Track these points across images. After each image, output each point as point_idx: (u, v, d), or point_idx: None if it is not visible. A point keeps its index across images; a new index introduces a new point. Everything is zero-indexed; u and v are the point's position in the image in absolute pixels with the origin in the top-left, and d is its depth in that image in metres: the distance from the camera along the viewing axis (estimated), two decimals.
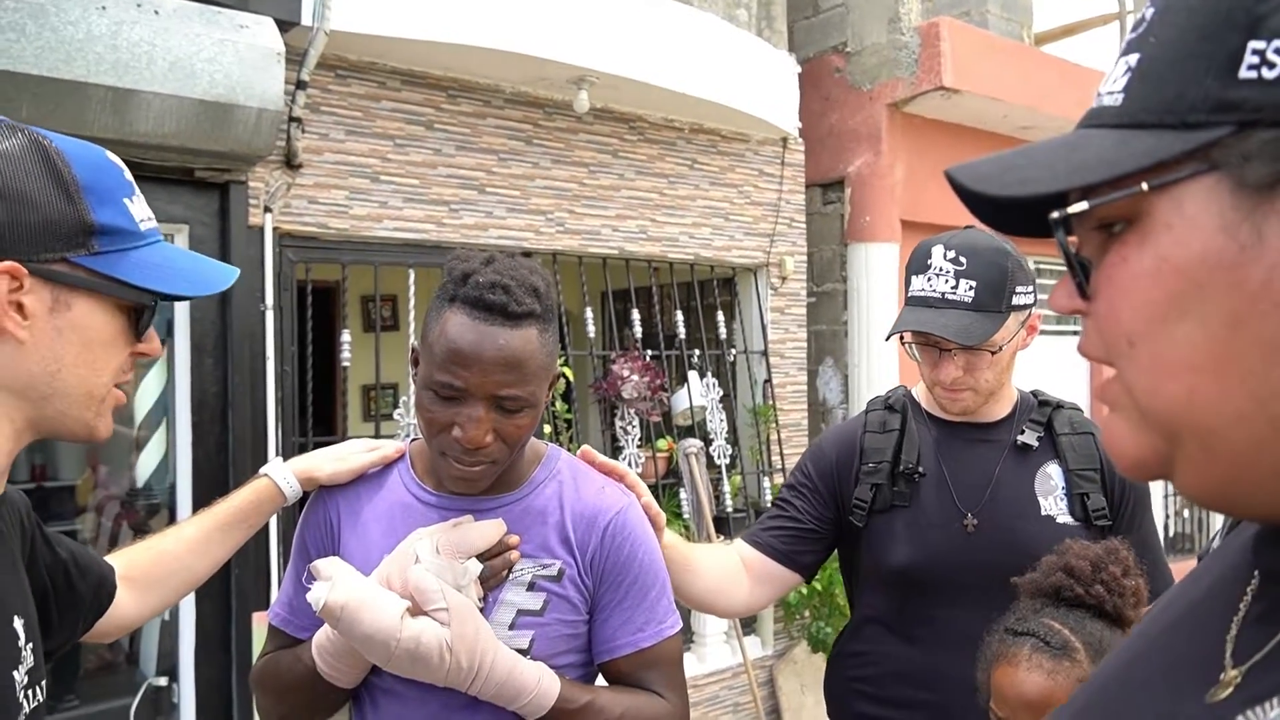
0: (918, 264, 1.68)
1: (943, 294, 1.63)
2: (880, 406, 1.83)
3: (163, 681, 3.35)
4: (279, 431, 3.35)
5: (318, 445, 3.32)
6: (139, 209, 0.96)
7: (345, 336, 3.60)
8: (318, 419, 3.57)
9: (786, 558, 1.76)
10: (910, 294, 1.69)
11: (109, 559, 1.25)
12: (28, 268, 0.86)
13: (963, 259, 1.63)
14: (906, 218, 4.96)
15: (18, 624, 0.92)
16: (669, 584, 1.34)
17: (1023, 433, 1.74)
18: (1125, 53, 0.54)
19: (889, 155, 4.92)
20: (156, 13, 2.75)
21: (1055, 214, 0.54)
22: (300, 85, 3.26)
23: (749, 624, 4.70)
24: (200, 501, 3.21)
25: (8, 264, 0.85)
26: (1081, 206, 0.53)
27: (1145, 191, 0.51)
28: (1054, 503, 1.70)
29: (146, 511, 3.44)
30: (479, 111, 3.81)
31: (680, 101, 4.18)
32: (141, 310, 0.96)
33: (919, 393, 1.85)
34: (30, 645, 0.94)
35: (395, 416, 3.68)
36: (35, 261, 0.87)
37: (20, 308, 0.86)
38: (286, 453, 3.37)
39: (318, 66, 3.29)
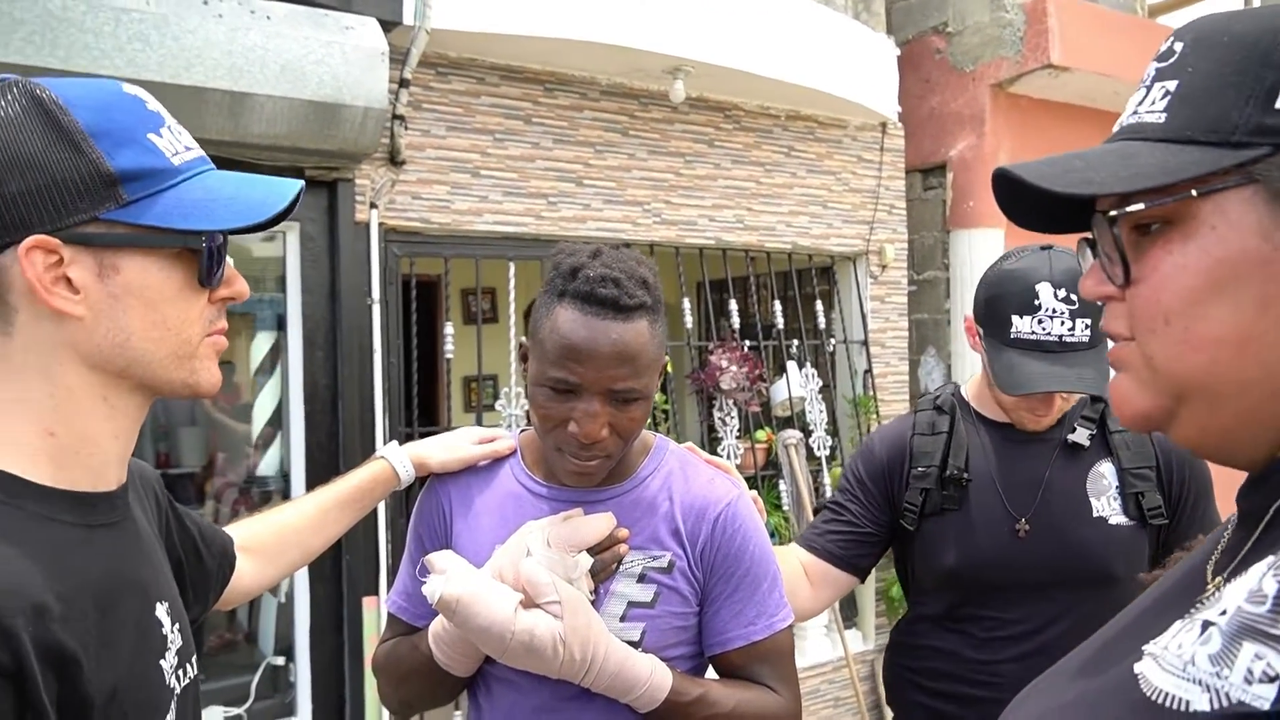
0: (1021, 304, 1.58)
1: (1060, 337, 1.56)
2: (929, 406, 1.80)
3: (280, 661, 3.49)
4: (386, 421, 3.44)
5: (423, 435, 3.40)
6: (170, 140, 0.85)
7: (448, 329, 3.67)
8: (421, 409, 3.66)
9: (845, 563, 1.76)
10: (1016, 335, 1.58)
11: (228, 529, 1.27)
12: (59, 237, 0.78)
13: (1073, 296, 1.56)
14: None
15: (161, 610, 0.90)
16: (780, 576, 1.33)
17: (1074, 431, 1.69)
18: (1159, 79, 0.64)
19: (993, 138, 4.77)
20: (269, 18, 2.84)
21: (1113, 212, 0.63)
22: (403, 83, 3.34)
23: (850, 617, 4.64)
24: (313, 487, 3.32)
25: (35, 238, 0.77)
26: (1138, 207, 0.62)
27: (1194, 197, 0.60)
28: (1106, 503, 1.65)
29: (262, 498, 3.58)
30: (576, 104, 3.84)
31: (776, 88, 4.13)
32: (199, 252, 0.85)
33: (969, 391, 1.81)
34: (177, 626, 0.94)
35: (497, 408, 3.73)
36: (65, 228, 0.78)
37: (68, 282, 0.79)
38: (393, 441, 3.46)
39: (419, 64, 3.36)
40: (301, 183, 0.91)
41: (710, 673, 1.33)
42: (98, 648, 0.78)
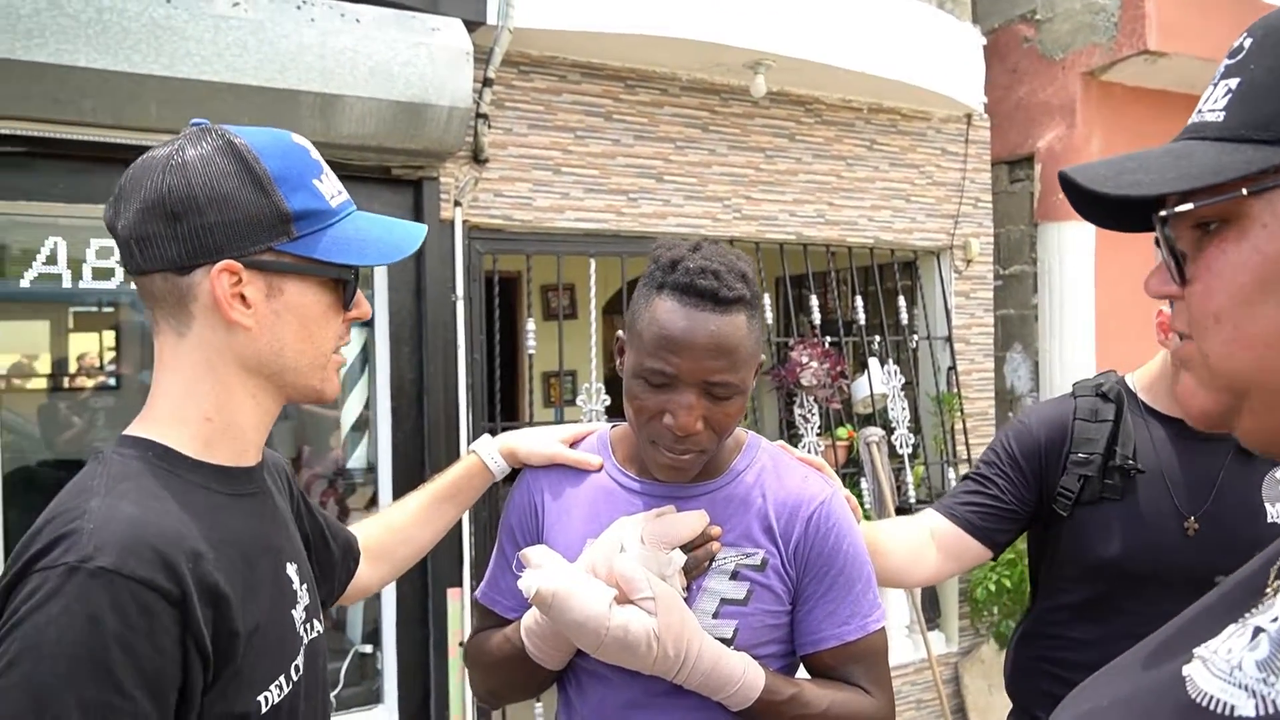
0: None
1: None
2: (1090, 393, 1.74)
3: (368, 649, 3.58)
4: (470, 417, 3.49)
5: (505, 430, 3.44)
6: (328, 185, 1.01)
7: (530, 325, 3.71)
8: (502, 405, 3.70)
9: (984, 534, 1.72)
10: None
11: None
12: (242, 262, 0.94)
13: None
14: None
15: (290, 569, 1.03)
16: (874, 576, 1.31)
17: None
18: (1225, 77, 0.63)
19: (1084, 127, 4.62)
20: (358, 20, 2.91)
21: (1163, 212, 0.63)
22: (486, 83, 3.38)
23: (932, 618, 4.56)
24: (399, 481, 3.41)
25: (226, 262, 0.93)
26: (1187, 207, 0.61)
27: (1245, 196, 0.59)
28: None
29: (349, 490, 3.67)
30: (656, 100, 3.84)
31: (859, 81, 4.07)
32: (346, 282, 1.02)
33: (1136, 382, 1.75)
34: (305, 586, 1.06)
35: (578, 403, 3.76)
36: (247, 255, 0.94)
37: (243, 299, 0.95)
38: (476, 436, 3.50)
39: (502, 63, 3.40)
40: (425, 226, 1.11)
41: (801, 672, 1.32)
42: (243, 591, 0.92)
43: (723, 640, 1.21)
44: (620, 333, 1.30)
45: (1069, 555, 1.70)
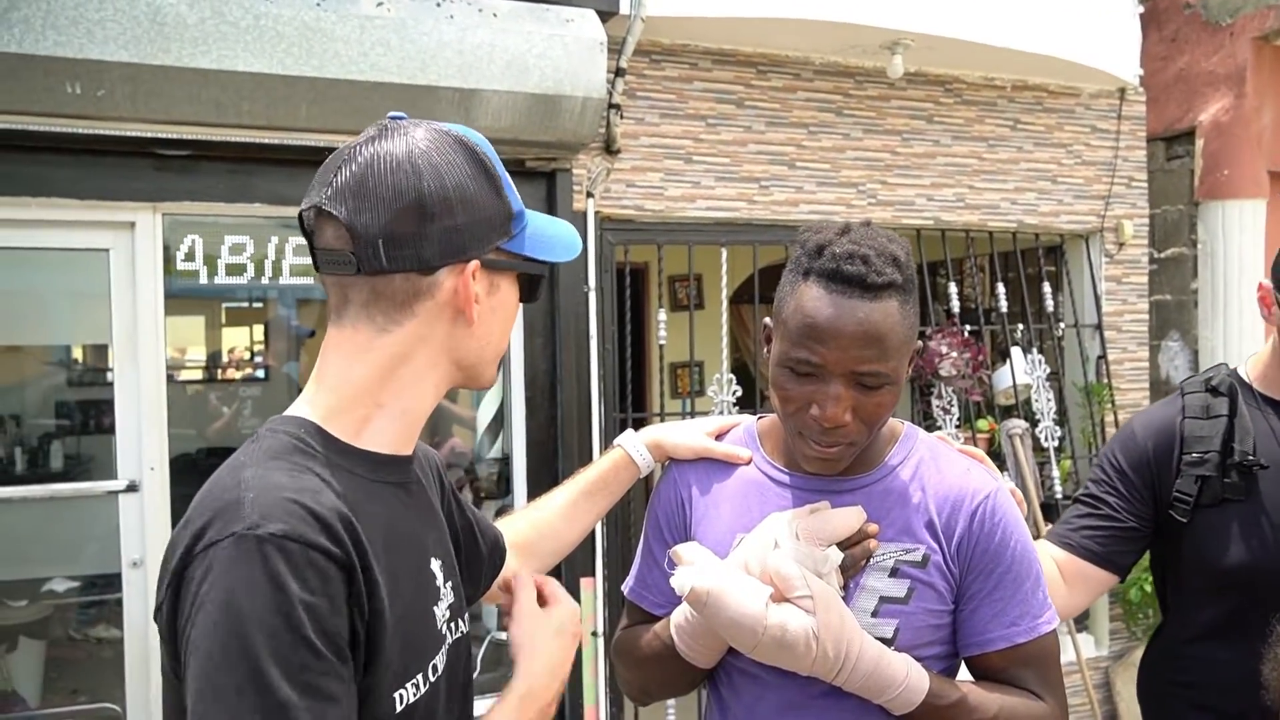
0: None
1: None
2: (1200, 389, 1.63)
3: (503, 636, 3.64)
4: (601, 408, 3.51)
5: (635, 421, 3.44)
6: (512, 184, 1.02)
7: (661, 316, 3.70)
8: (632, 396, 3.71)
9: (1105, 560, 1.62)
10: None
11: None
12: (481, 262, 0.96)
13: None
14: (1277, 169, 4.31)
15: (435, 565, 1.01)
16: (1043, 575, 1.24)
17: None
18: None
19: (1255, 98, 4.29)
20: (495, 15, 2.95)
21: None
22: (619, 73, 3.38)
23: (1081, 621, 4.34)
24: (533, 471, 3.45)
25: (476, 263, 0.95)
26: None
27: None
28: None
29: (485, 480, 3.75)
30: (789, 85, 3.76)
31: (1002, 57, 3.88)
32: (540, 278, 1.05)
33: (1249, 372, 1.62)
34: (450, 583, 1.04)
35: (709, 393, 3.73)
36: (484, 255, 0.96)
37: (475, 297, 0.96)
38: (608, 427, 3.53)
39: (634, 53, 3.39)
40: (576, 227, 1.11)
41: (963, 674, 1.25)
42: (389, 577, 0.89)
43: (883, 640, 1.16)
44: (766, 320, 1.26)
45: (1194, 566, 1.59)
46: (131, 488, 3.01)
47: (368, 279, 0.93)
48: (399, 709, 0.89)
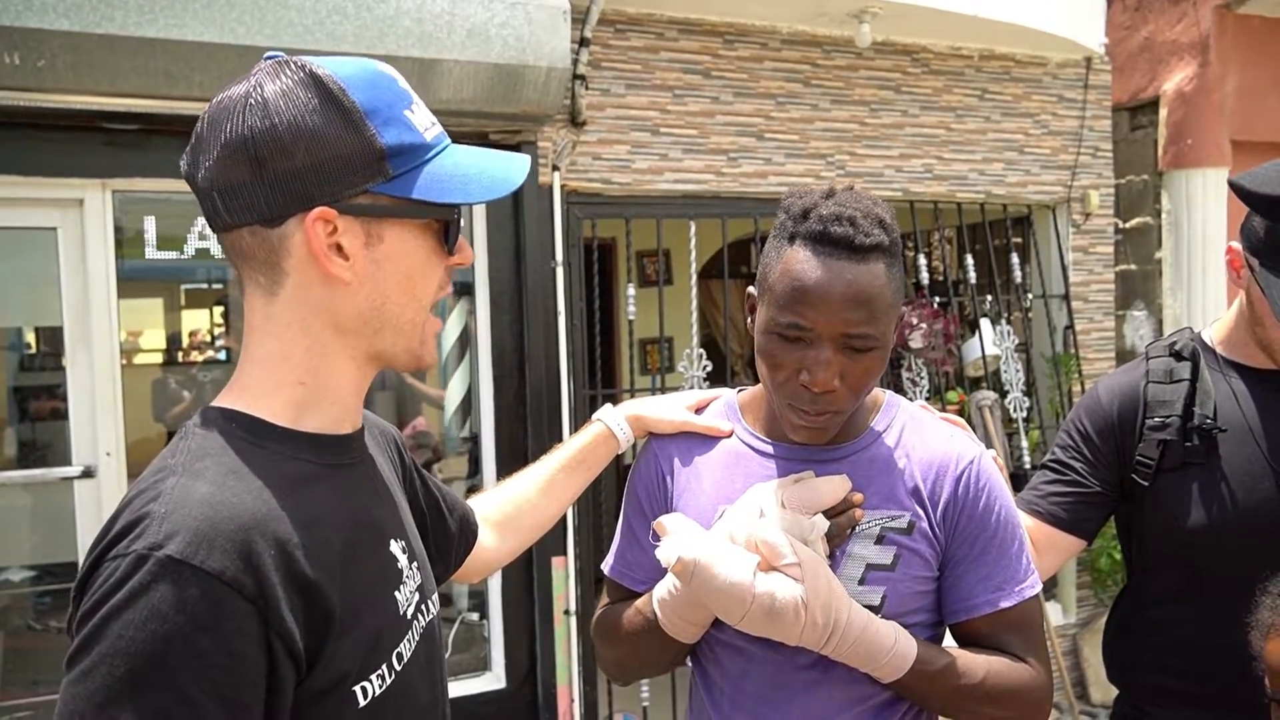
0: None
1: None
2: (1164, 353, 1.62)
3: (474, 617, 3.60)
4: (570, 384, 3.46)
5: (606, 398, 3.39)
6: (421, 116, 0.89)
7: (630, 291, 3.65)
8: (602, 372, 3.66)
9: (1072, 526, 1.62)
10: None
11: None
12: (336, 208, 0.83)
13: None
14: (1240, 137, 4.33)
15: (395, 547, 0.94)
16: (1028, 540, 1.22)
17: None
18: None
19: (1218, 66, 4.31)
20: None
21: None
22: (583, 43, 3.31)
23: (1049, 588, 4.38)
24: (502, 450, 3.40)
25: (319, 210, 0.83)
26: None
27: None
28: None
29: (454, 459, 3.69)
30: (756, 55, 3.71)
31: (969, 26, 3.86)
32: (448, 224, 0.91)
33: (1213, 336, 1.62)
34: (414, 564, 0.97)
35: (679, 369, 3.69)
36: (341, 201, 0.84)
37: (340, 250, 0.85)
38: (577, 405, 3.48)
39: (598, 22, 3.32)
40: (529, 157, 0.96)
41: (948, 642, 1.23)
42: (338, 574, 0.83)
43: (870, 608, 1.14)
44: (750, 289, 1.23)
45: (1157, 529, 1.59)
46: (87, 473, 2.92)
47: (227, 236, 0.86)
48: (363, 703, 0.84)
